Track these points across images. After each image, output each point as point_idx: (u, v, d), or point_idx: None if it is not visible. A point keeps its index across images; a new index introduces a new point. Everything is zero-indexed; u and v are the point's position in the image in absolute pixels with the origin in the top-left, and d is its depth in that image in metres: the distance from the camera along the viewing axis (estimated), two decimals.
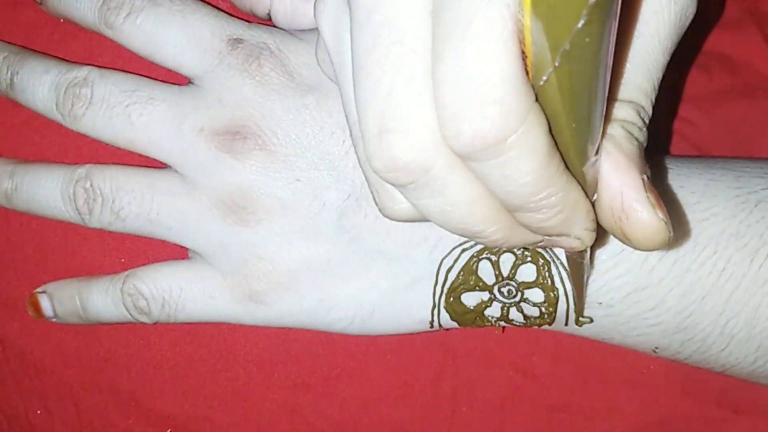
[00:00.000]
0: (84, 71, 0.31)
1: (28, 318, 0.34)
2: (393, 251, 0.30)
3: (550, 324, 0.31)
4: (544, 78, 0.19)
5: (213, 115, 0.30)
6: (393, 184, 0.22)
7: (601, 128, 0.22)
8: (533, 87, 0.19)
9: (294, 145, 0.30)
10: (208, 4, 0.32)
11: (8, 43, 0.34)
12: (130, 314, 0.32)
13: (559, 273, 0.30)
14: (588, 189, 0.22)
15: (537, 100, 0.19)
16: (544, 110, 0.20)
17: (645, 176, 0.23)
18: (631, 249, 0.28)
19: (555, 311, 0.30)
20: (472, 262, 0.30)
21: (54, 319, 0.34)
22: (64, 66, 0.32)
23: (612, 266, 0.29)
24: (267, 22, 0.32)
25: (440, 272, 0.30)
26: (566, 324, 0.31)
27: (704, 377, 0.33)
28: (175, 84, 0.32)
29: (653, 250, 0.24)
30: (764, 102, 0.34)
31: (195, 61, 0.30)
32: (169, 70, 0.31)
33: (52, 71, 0.31)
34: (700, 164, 0.31)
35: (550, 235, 0.23)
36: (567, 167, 0.21)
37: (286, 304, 0.31)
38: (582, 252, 0.26)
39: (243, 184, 0.30)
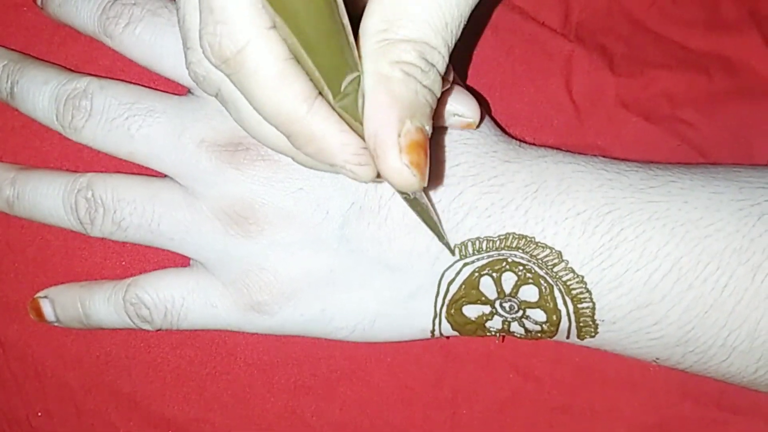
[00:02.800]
0: (83, 82, 0.31)
1: (29, 320, 0.34)
2: (395, 261, 0.30)
3: (550, 338, 0.31)
4: (267, 6, 0.22)
5: (214, 127, 0.30)
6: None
7: (353, 63, 0.23)
8: (270, 16, 0.22)
9: None
10: None
11: (8, 48, 0.33)
12: (133, 322, 0.32)
13: (562, 296, 0.30)
14: (356, 125, 0.24)
15: (275, 28, 0.22)
16: (285, 40, 0.23)
17: (410, 120, 0.24)
18: (635, 269, 0.29)
19: (557, 330, 0.30)
20: (473, 277, 0.30)
21: (56, 324, 0.33)
22: (64, 76, 0.31)
23: (615, 286, 0.29)
24: None
25: (442, 284, 0.30)
26: (567, 338, 0.31)
27: (704, 379, 0.33)
28: (175, 91, 0.32)
29: (405, 191, 0.25)
30: (765, 104, 0.34)
31: None
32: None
33: (51, 82, 0.31)
34: (702, 175, 0.30)
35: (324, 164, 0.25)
36: (325, 98, 0.24)
37: (287, 314, 0.31)
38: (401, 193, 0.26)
39: (245, 195, 0.30)
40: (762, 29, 0.34)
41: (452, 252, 0.30)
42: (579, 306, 0.29)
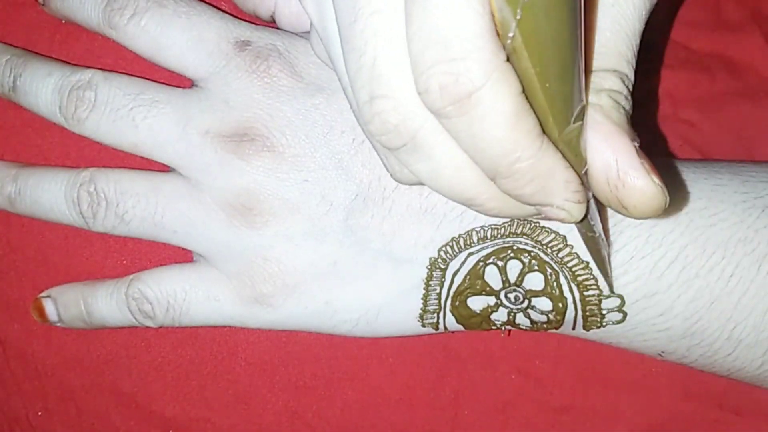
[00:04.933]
0: (88, 74, 0.31)
1: (30, 319, 0.34)
2: (399, 253, 0.30)
3: (556, 329, 0.31)
4: (511, 35, 0.19)
5: (219, 117, 0.30)
6: (388, 148, 0.23)
7: (581, 94, 0.22)
8: (504, 47, 0.20)
9: (303, 145, 0.30)
10: (211, 5, 0.32)
11: (10, 45, 0.33)
12: (135, 318, 0.32)
13: (568, 283, 0.30)
14: (573, 160, 0.23)
15: (508, 60, 0.20)
16: (517, 72, 0.20)
17: (636, 143, 0.23)
18: (640, 256, 0.29)
19: (563, 319, 0.30)
20: (478, 267, 0.30)
21: (58, 324, 0.33)
22: (68, 69, 0.31)
23: (621, 273, 0.29)
24: (269, 23, 0.31)
25: (446, 275, 0.30)
26: (573, 329, 0.31)
27: (706, 379, 0.33)
28: (178, 87, 0.32)
29: (649, 217, 0.23)
30: (766, 104, 0.34)
31: (200, 62, 0.30)
32: (171, 74, 0.31)
33: (55, 74, 0.31)
34: (705, 168, 0.31)
35: (533, 204, 0.23)
36: (546, 134, 0.22)
37: (291, 307, 0.31)
38: (589, 225, 0.25)
39: (250, 186, 0.30)
40: (764, 30, 0.34)
41: (612, 291, 0.29)
42: (585, 293, 0.29)
